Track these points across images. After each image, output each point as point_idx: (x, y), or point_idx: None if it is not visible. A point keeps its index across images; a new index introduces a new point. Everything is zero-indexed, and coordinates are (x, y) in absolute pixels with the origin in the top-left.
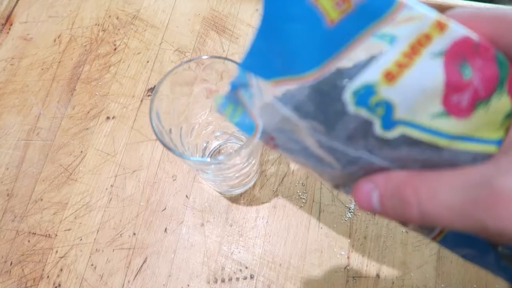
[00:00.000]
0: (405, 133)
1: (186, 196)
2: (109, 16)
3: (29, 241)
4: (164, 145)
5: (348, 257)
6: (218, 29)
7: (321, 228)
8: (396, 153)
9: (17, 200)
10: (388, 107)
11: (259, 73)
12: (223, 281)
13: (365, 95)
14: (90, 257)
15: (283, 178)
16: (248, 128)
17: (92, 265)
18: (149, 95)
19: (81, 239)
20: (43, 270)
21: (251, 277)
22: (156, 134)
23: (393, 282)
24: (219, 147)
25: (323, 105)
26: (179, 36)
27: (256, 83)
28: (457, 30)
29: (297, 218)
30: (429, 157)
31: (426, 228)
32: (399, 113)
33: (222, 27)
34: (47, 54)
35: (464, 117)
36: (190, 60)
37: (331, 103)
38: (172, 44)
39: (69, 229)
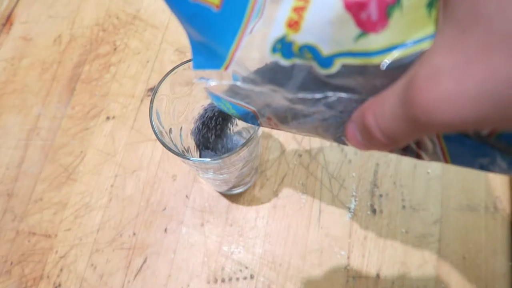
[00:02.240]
0: (344, 63)
1: (186, 196)
2: (109, 16)
3: (29, 241)
4: (164, 145)
5: (348, 257)
6: None
7: (321, 228)
8: (353, 83)
9: (17, 200)
10: (311, 49)
11: (210, 66)
12: (223, 281)
13: (284, 47)
14: (90, 257)
15: (283, 178)
16: (249, 118)
17: (92, 265)
18: (149, 95)
19: (81, 239)
20: (43, 270)
21: (251, 277)
22: (156, 134)
23: (393, 282)
24: None
25: (263, 67)
26: (179, 36)
27: (216, 73)
28: None
29: (297, 218)
30: (380, 77)
31: (433, 153)
32: (326, 50)
33: None
34: (47, 54)
35: (382, 28)
36: (190, 60)
37: (265, 65)
38: (172, 44)
39: (69, 229)
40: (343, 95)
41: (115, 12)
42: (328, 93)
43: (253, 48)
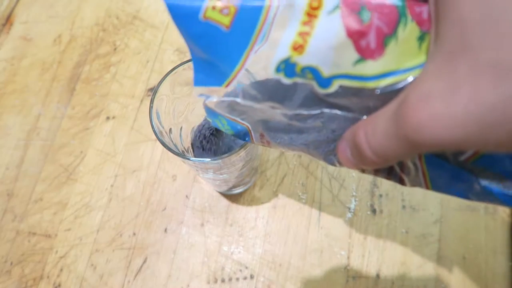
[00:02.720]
0: (341, 84)
1: (186, 196)
2: (109, 16)
3: (29, 241)
4: (164, 145)
5: (348, 257)
6: None
7: (321, 228)
8: (348, 102)
9: (17, 200)
10: (312, 70)
11: (211, 84)
12: (223, 281)
13: (288, 68)
14: (90, 257)
15: (283, 178)
16: (242, 135)
17: (92, 265)
18: (149, 95)
19: (81, 239)
20: (43, 270)
21: (251, 277)
22: (156, 134)
23: (393, 282)
24: None
25: (264, 85)
26: (179, 36)
27: (216, 90)
28: None
29: (297, 218)
30: (373, 99)
31: (415, 177)
32: (325, 72)
33: None
34: (47, 54)
35: (379, 56)
36: (190, 60)
37: (268, 82)
38: (172, 44)
39: (69, 229)
40: (338, 112)
41: (115, 12)
42: (324, 109)
43: (258, 66)
